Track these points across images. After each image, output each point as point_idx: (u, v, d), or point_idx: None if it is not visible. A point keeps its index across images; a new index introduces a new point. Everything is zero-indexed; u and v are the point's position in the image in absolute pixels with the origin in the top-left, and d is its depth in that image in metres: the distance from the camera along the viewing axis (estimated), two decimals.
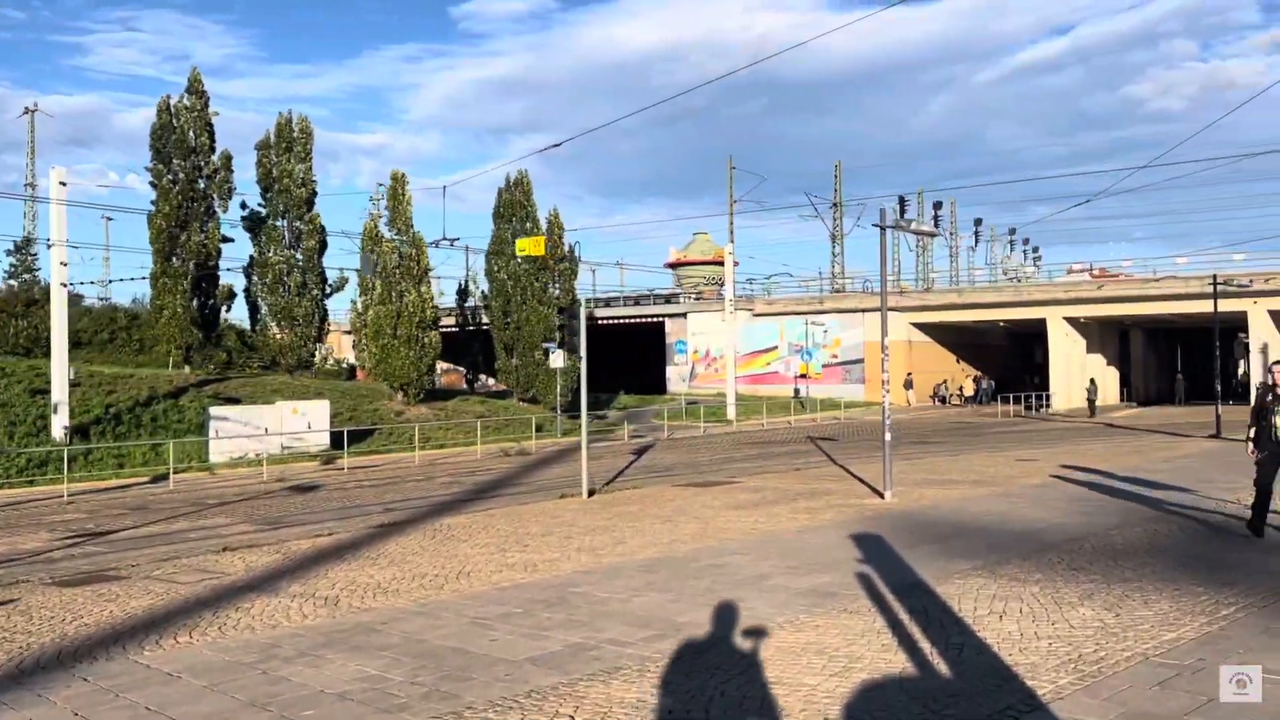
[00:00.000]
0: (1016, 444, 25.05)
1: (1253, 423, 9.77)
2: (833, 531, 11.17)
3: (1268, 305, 39.44)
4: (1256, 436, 9.68)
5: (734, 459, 23.43)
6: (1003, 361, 55.77)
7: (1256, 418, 9.70)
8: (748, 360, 51.27)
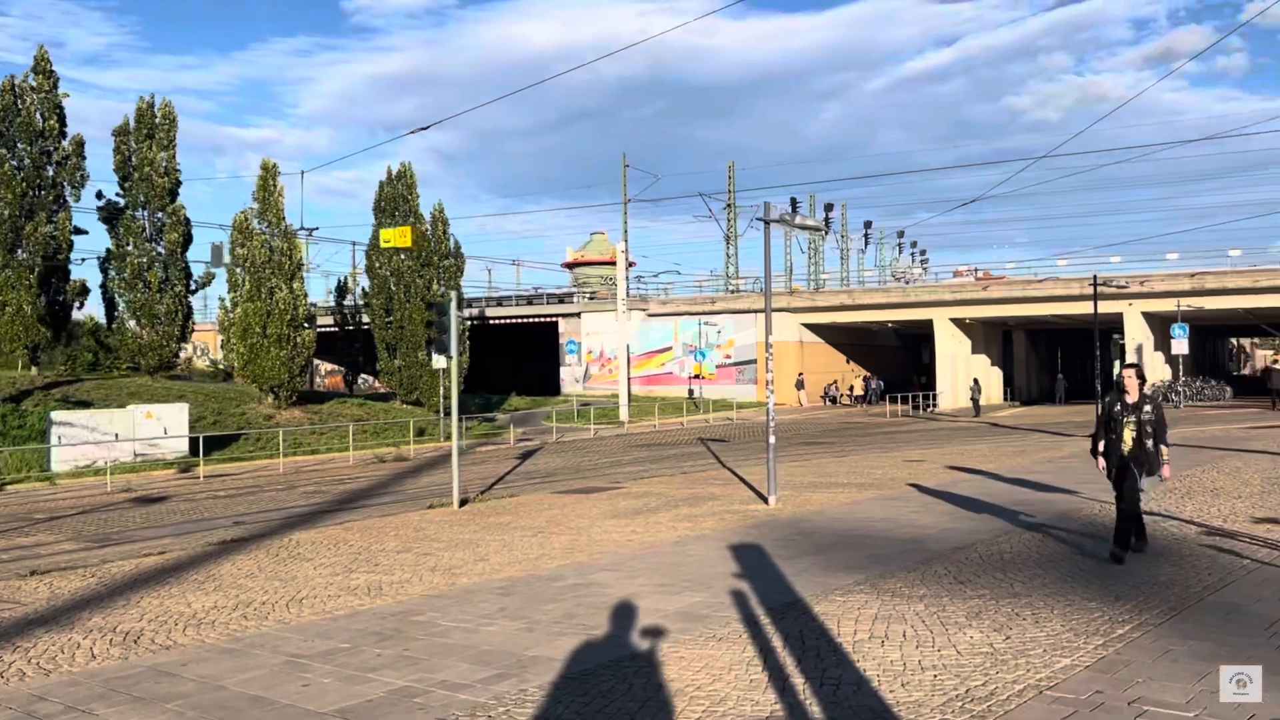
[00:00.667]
0: (904, 444, 24.94)
1: (1100, 433, 8.63)
2: (712, 542, 10.43)
3: (1142, 307, 40.71)
4: (1106, 450, 8.53)
5: (622, 462, 22.64)
6: (892, 362, 56.54)
7: (1105, 427, 8.54)
8: (642, 361, 50.68)
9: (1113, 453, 8.43)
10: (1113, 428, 8.41)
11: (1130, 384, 8.42)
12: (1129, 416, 8.35)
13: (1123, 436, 8.32)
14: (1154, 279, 40.50)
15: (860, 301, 48.39)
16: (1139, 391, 8.41)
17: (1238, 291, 39.69)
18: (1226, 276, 40.10)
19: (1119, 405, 8.42)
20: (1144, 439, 8.26)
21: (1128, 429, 8.31)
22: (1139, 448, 8.26)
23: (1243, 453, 17.68)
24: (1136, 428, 8.29)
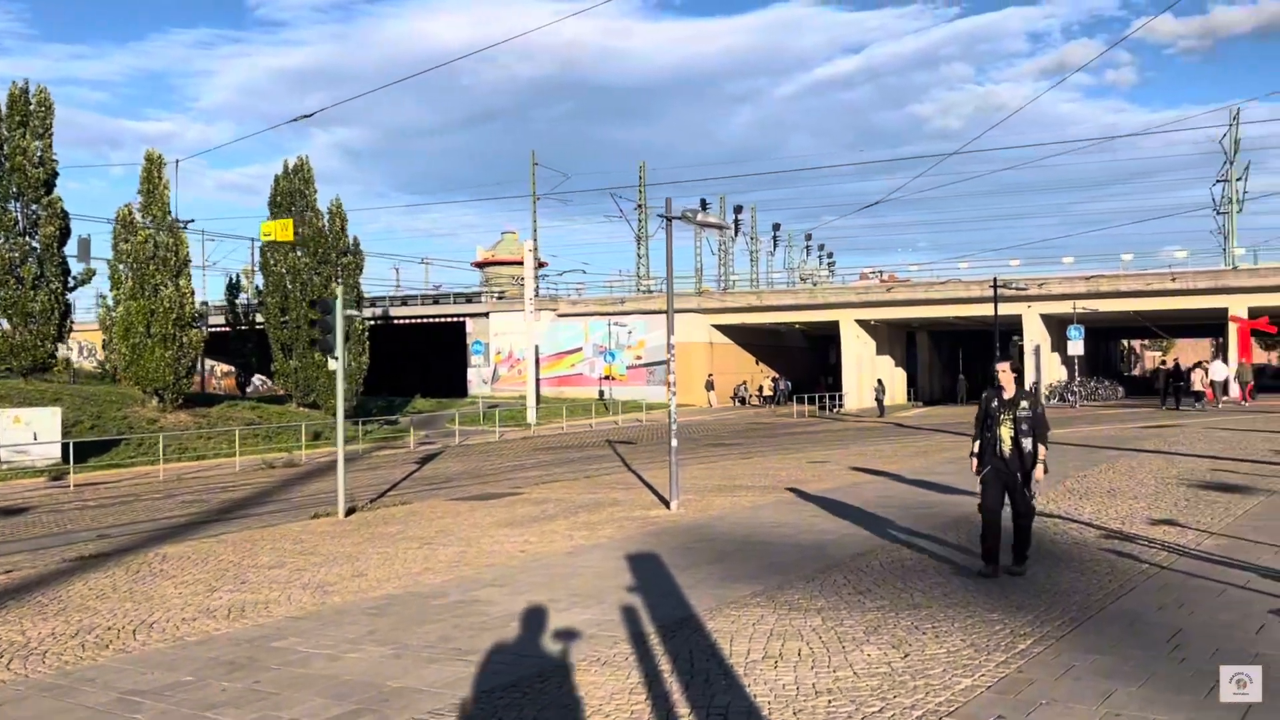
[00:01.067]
0: (810, 445, 24.88)
1: (977, 433, 8.12)
2: (608, 552, 9.95)
3: (1040, 309, 41.72)
4: (981, 449, 8.03)
5: (525, 466, 22.02)
6: (800, 363, 56.99)
7: (981, 427, 8.04)
8: (552, 361, 50.01)
9: (987, 452, 7.96)
10: (989, 426, 7.93)
11: (1006, 379, 7.90)
12: (1006, 414, 7.83)
13: (999, 435, 7.83)
14: (1051, 282, 41.54)
15: (768, 303, 48.60)
16: (1015, 387, 7.91)
17: (1130, 294, 40.98)
18: (1119, 280, 41.38)
19: (995, 402, 7.92)
20: (1021, 437, 7.75)
21: (1004, 427, 7.81)
22: (1016, 447, 7.78)
23: (1137, 452, 17.97)
24: (1013, 425, 7.78)
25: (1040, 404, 7.92)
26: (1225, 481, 13.09)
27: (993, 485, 7.88)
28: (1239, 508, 10.83)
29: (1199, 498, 11.76)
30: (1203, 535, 9.27)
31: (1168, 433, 22.44)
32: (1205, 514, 10.51)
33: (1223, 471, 14.31)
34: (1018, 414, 7.75)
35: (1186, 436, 21.16)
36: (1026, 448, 7.71)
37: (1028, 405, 7.78)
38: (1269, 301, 38.50)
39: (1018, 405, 7.79)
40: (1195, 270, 41.32)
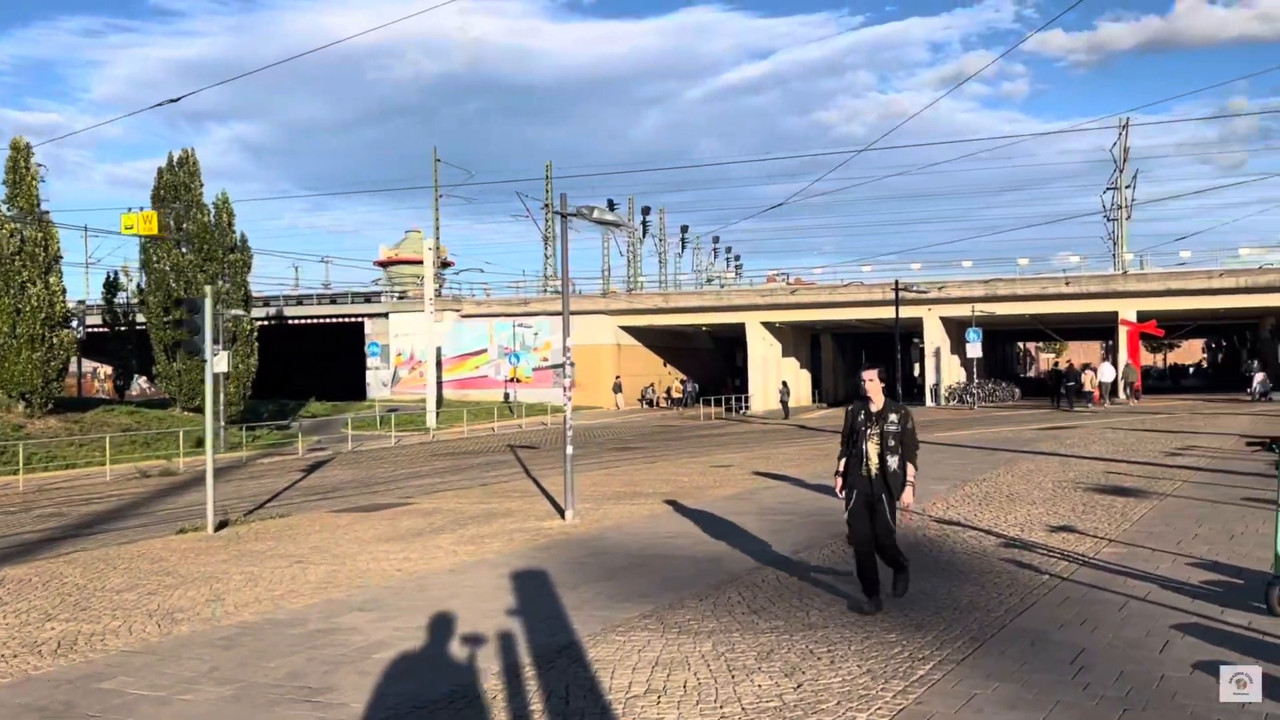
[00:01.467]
0: (715, 448, 24.59)
1: (842, 449, 7.14)
2: (493, 570, 9.32)
3: (940, 312, 42.42)
4: (846, 469, 7.03)
5: (420, 474, 21.16)
6: (708, 364, 57.02)
7: (846, 442, 7.07)
8: (456, 363, 48.91)
9: (853, 472, 6.96)
10: (855, 442, 6.95)
11: (873, 389, 6.92)
12: (872, 429, 6.85)
13: (866, 453, 6.83)
14: (951, 285, 42.29)
15: (676, 305, 48.42)
16: (883, 398, 6.98)
17: (1026, 298, 41.98)
18: (1016, 283, 42.35)
19: (862, 415, 6.93)
20: (888, 455, 6.80)
21: (871, 444, 6.82)
22: (883, 466, 6.81)
23: (1034, 454, 18.10)
24: (880, 442, 6.82)
25: (910, 418, 6.99)
26: (1120, 485, 13.12)
27: (860, 515, 6.91)
28: (1134, 512, 10.77)
29: (1095, 502, 11.71)
30: (1101, 542, 9.11)
31: (1062, 434, 22.80)
32: (1102, 519, 10.42)
33: (1117, 474, 14.40)
34: (885, 429, 6.83)
35: (1080, 438, 21.49)
36: (893, 467, 6.80)
37: (896, 420, 6.86)
38: (1156, 305, 39.86)
39: (886, 419, 6.86)
40: (1088, 275, 42.58)
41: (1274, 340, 43.52)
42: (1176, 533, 9.38)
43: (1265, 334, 46.40)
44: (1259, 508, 10.52)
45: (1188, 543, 8.87)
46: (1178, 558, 8.23)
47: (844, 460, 7.09)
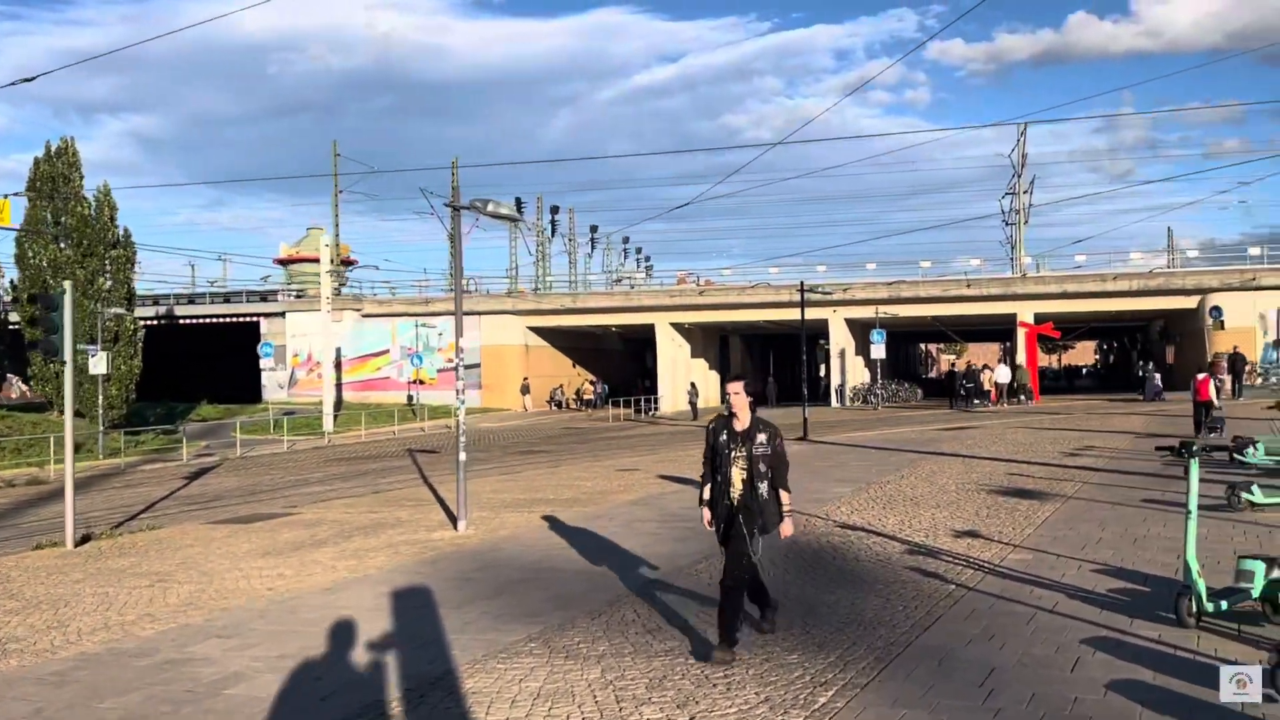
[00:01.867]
0: (621, 451, 24.13)
1: (705, 474, 6.21)
2: (373, 587, 8.66)
3: (845, 314, 42.79)
4: (712, 497, 6.12)
5: (309, 481, 20.16)
6: (618, 365, 56.59)
7: (710, 465, 6.16)
8: (357, 364, 47.47)
9: (719, 501, 6.05)
10: (720, 465, 6.04)
11: (739, 403, 6.03)
12: (738, 450, 5.97)
13: (730, 478, 5.95)
14: (856, 287, 42.70)
15: (585, 305, 47.87)
16: (750, 414, 6.10)
17: (928, 300, 42.66)
18: (919, 286, 42.99)
19: (725, 434, 6.03)
20: (757, 481, 5.93)
21: (736, 467, 5.94)
22: (751, 493, 5.93)
23: (937, 455, 18.11)
24: (747, 465, 5.94)
25: (779, 437, 6.07)
26: (1022, 487, 13.08)
27: (734, 547, 5.96)
28: (1038, 515, 10.66)
29: (999, 505, 11.59)
30: (1006, 548, 8.91)
31: (963, 435, 23.00)
32: (1007, 523, 10.26)
33: (1019, 476, 14.40)
34: (753, 450, 5.93)
35: (981, 438, 21.69)
36: (763, 494, 5.92)
37: (765, 439, 5.96)
38: (1053, 308, 40.90)
39: (753, 439, 5.95)
40: (987, 278, 43.47)
41: (1163, 342, 45.15)
42: (1080, 537, 9.25)
43: (1155, 336, 48.13)
44: (1159, 510, 10.51)
45: (1092, 548, 8.72)
46: (1083, 564, 8.04)
47: (708, 486, 6.15)
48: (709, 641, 6.14)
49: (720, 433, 6.07)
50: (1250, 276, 38.06)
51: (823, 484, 14.59)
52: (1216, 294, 37.67)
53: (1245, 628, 5.88)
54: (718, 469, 6.06)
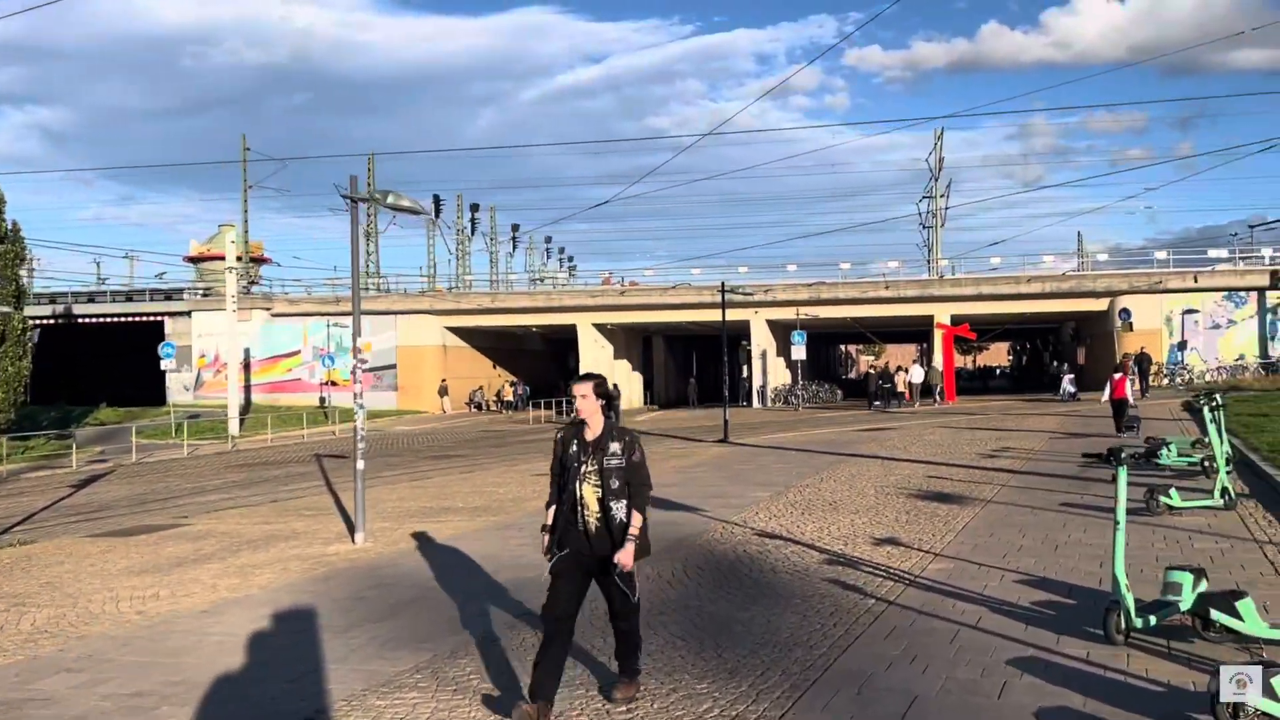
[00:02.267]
0: (540, 455, 23.48)
1: (552, 493, 5.22)
2: (255, 609, 7.95)
3: (767, 315, 42.81)
4: (554, 522, 5.09)
5: (206, 489, 19.11)
6: (539, 367, 55.80)
7: (556, 481, 5.20)
8: (266, 366, 45.90)
9: (568, 526, 5.01)
10: (566, 481, 5.07)
11: (587, 407, 5.06)
12: (588, 463, 5.01)
13: (583, 497, 4.99)
14: (777, 289, 42.75)
15: (505, 305, 47.07)
16: (603, 419, 5.14)
17: (848, 302, 42.92)
18: (838, 287, 43.24)
19: (574, 445, 5.08)
20: (611, 501, 4.97)
21: (588, 485, 4.98)
22: (606, 515, 4.99)
23: (856, 457, 17.92)
24: (600, 481, 4.99)
25: (638, 447, 5.11)
26: (941, 490, 12.88)
27: (566, 576, 4.97)
28: (957, 521, 10.41)
29: (918, 510, 11.34)
30: (927, 557, 8.59)
31: (882, 436, 22.95)
32: (927, 529, 9.98)
33: (937, 478, 14.22)
34: (605, 463, 4.99)
35: (899, 439, 21.64)
36: (619, 516, 4.97)
37: (620, 450, 5.03)
38: (968, 309, 41.49)
39: (605, 450, 5.02)
40: (905, 279, 43.93)
41: (1074, 343, 46.19)
42: (1001, 544, 8.99)
43: (1067, 337, 49.25)
44: (1079, 514, 10.35)
45: (1013, 555, 8.46)
46: (1005, 573, 7.75)
47: (553, 508, 5.15)
48: (613, 672, 5.63)
49: (569, 443, 5.13)
50: (1157, 280, 39.12)
51: (742, 488, 14.23)
52: (1125, 296, 38.63)
53: (1175, 645, 5.60)
54: (565, 486, 5.09)
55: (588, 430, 5.11)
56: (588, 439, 5.09)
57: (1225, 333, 38.40)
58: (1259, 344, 37.99)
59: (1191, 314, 38.50)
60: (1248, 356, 37.84)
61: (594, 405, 5.10)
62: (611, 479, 4.98)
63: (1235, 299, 38.35)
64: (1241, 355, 38.00)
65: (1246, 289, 38.22)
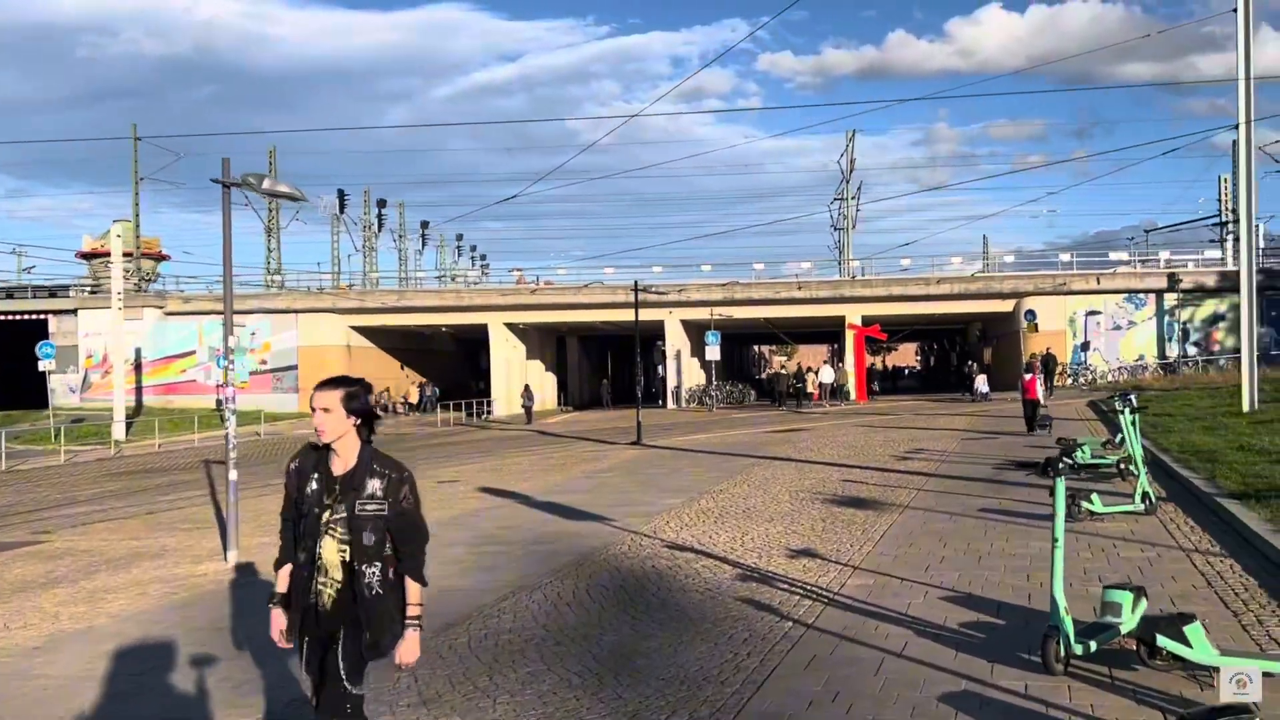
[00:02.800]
0: (445, 460, 22.54)
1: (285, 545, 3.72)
2: (95, 644, 6.98)
3: (681, 315, 42.39)
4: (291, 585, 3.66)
5: (78, 499, 17.68)
6: (450, 368, 54.45)
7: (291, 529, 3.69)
8: (159, 367, 43.70)
9: (303, 596, 3.59)
10: (305, 534, 3.59)
11: (330, 425, 3.55)
12: (333, 509, 3.55)
13: (321, 556, 3.55)
14: (691, 288, 42.37)
15: (412, 304, 45.69)
16: (360, 444, 3.62)
17: (761, 302, 42.80)
18: (752, 288, 43.09)
19: (316, 480, 3.60)
20: (361, 562, 3.52)
21: (331, 539, 3.54)
22: (354, 583, 3.53)
23: (770, 460, 17.47)
24: (348, 534, 3.52)
25: (409, 487, 3.63)
26: (857, 495, 12.43)
27: (309, 656, 3.64)
28: (875, 529, 9.92)
29: (835, 517, 10.84)
30: (846, 570, 8.05)
31: (796, 437, 22.62)
32: (844, 538, 9.46)
33: (852, 482, 13.80)
34: (358, 509, 3.52)
35: (812, 441, 21.32)
36: (373, 584, 3.52)
37: (381, 490, 3.55)
38: (879, 310, 41.73)
39: (360, 490, 3.54)
40: (818, 280, 44.02)
41: (981, 343, 46.91)
42: (922, 555, 8.50)
43: (973, 338, 50.03)
44: (999, 521, 9.97)
45: (936, 568, 7.97)
46: (929, 589, 7.24)
47: (285, 570, 3.67)
48: None
49: (307, 480, 3.59)
50: (1061, 282, 39.89)
51: (653, 495, 13.61)
52: (1031, 298, 39.27)
53: (1118, 674, 5.10)
54: (300, 540, 3.59)
55: (335, 460, 3.57)
56: (335, 473, 3.55)
57: (1126, 334, 39.35)
58: (1157, 344, 39.02)
59: (1094, 315, 39.35)
60: (1147, 357, 38.84)
61: (342, 424, 3.51)
62: (366, 532, 3.47)
63: (1135, 301, 39.33)
64: (1141, 355, 38.99)
65: (1146, 291, 39.22)
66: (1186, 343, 38.94)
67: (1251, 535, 8.14)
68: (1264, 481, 10.23)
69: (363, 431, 3.62)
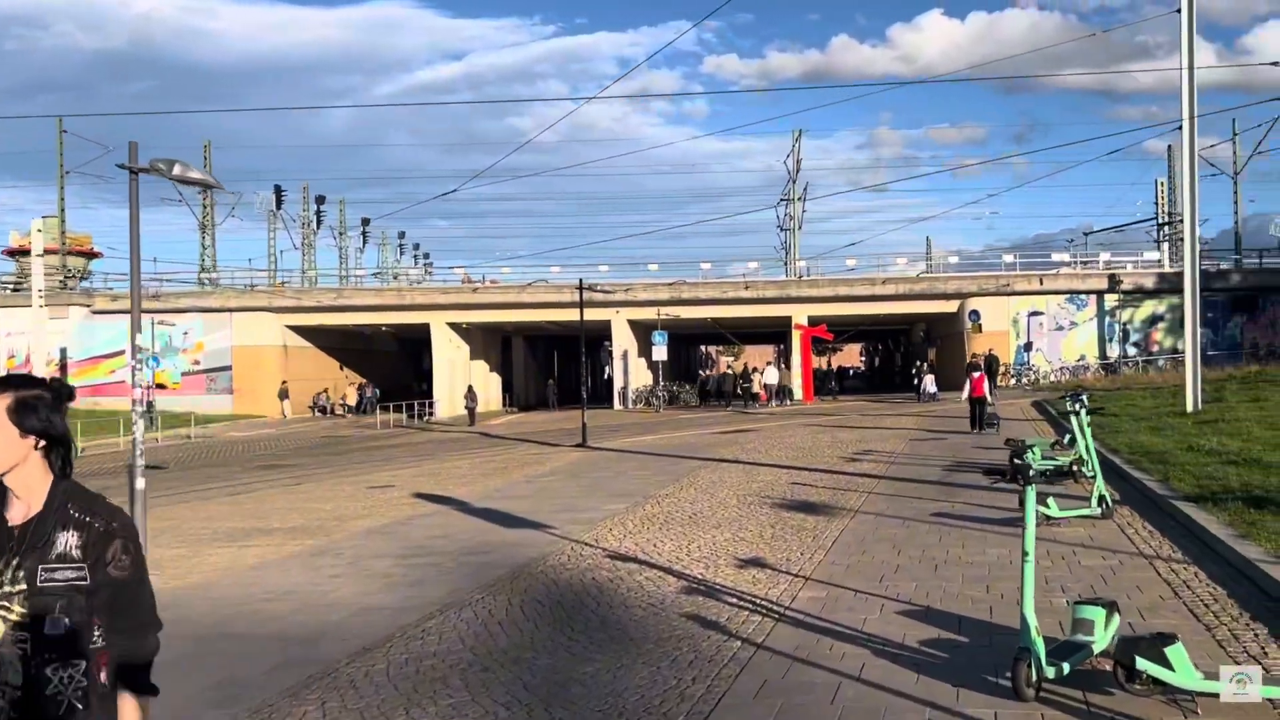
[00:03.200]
0: (381, 463, 21.79)
1: None
2: None
3: (628, 315, 41.91)
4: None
5: None
6: (391, 368, 53.35)
7: None
8: (87, 367, 42.11)
9: None
10: None
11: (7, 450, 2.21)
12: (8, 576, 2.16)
13: None
14: (637, 288, 41.91)
15: (352, 302, 44.62)
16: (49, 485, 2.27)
17: (708, 302, 42.50)
18: (699, 287, 42.78)
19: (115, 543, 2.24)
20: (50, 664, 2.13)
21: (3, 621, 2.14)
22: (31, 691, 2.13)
23: (717, 462, 17.04)
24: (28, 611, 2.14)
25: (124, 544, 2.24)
26: (806, 499, 12.02)
27: None
28: (826, 535, 9.50)
29: (784, 522, 10.41)
30: (797, 581, 7.60)
31: (743, 438, 22.25)
32: (794, 546, 9.02)
33: (801, 485, 13.41)
34: (44, 576, 2.16)
35: (760, 442, 20.96)
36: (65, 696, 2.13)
37: (78, 547, 2.20)
38: (825, 310, 41.67)
39: (48, 549, 2.19)
40: (765, 280, 43.87)
41: (925, 344, 47.11)
42: (876, 564, 8.09)
43: (919, 339, 50.25)
44: (953, 526, 9.60)
45: (891, 578, 7.55)
46: (885, 602, 6.81)
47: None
48: None
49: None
50: (1005, 283, 40.16)
51: (597, 500, 13.09)
52: (975, 299, 39.48)
53: (1093, 699, 4.70)
54: None
55: (12, 503, 2.25)
56: (11, 522, 2.23)
57: (1068, 334, 39.73)
58: (1098, 345, 39.46)
59: (1036, 316, 39.68)
60: (1089, 357, 39.24)
61: (15, 447, 2.21)
62: (57, 610, 2.15)
63: (1077, 301, 39.74)
64: (1083, 356, 39.39)
65: (1087, 292, 39.65)
66: (1127, 343, 39.44)
67: (1213, 540, 7.86)
68: (1218, 484, 10.01)
69: (52, 460, 2.29)
